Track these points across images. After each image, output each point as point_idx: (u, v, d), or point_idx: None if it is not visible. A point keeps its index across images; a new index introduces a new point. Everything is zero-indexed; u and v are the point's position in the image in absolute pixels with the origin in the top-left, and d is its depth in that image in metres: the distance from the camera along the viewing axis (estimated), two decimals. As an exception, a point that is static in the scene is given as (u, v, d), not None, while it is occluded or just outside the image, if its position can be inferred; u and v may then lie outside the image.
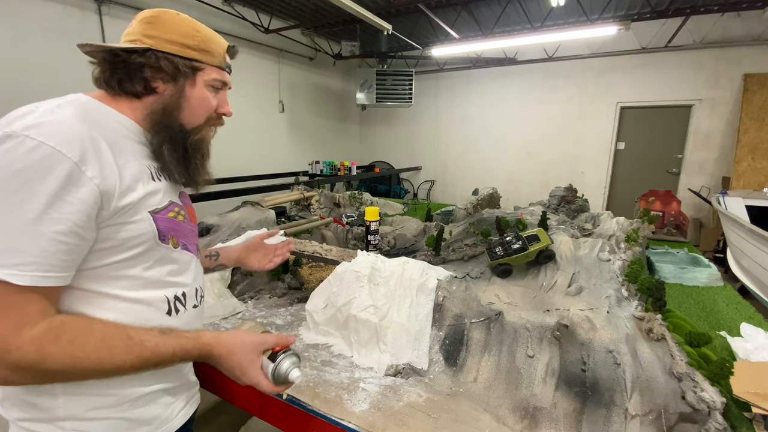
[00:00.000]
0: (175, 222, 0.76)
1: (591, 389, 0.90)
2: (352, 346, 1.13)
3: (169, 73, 0.73)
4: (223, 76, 0.81)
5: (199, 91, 0.77)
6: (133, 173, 0.68)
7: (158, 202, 0.72)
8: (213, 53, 0.78)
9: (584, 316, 1.02)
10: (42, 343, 0.55)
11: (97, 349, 0.59)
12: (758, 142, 4.95)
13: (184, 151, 0.78)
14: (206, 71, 0.78)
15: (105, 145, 0.64)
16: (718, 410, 0.78)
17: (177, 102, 0.75)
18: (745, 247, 3.10)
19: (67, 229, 0.57)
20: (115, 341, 0.61)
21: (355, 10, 4.11)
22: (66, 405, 0.64)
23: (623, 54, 5.86)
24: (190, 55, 0.74)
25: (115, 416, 0.68)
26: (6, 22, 3.37)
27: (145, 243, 0.69)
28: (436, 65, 7.42)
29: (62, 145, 0.57)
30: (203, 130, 0.81)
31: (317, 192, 2.66)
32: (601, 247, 1.50)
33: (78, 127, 0.61)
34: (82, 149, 0.59)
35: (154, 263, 0.72)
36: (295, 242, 1.63)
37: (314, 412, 0.90)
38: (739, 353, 1.07)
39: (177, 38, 0.73)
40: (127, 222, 0.66)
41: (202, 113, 0.79)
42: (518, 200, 4.02)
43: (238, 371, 0.71)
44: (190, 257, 0.82)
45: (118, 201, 0.64)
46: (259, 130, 6.02)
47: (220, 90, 0.82)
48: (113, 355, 0.60)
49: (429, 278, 1.23)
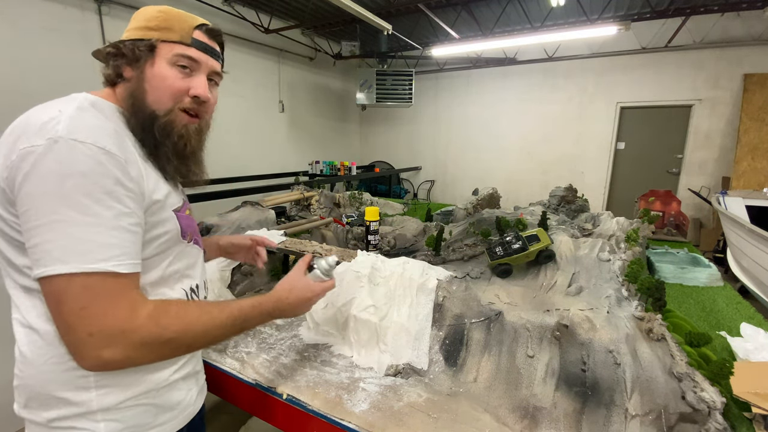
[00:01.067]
0: (191, 219, 0.80)
1: (591, 389, 0.90)
2: (352, 346, 1.13)
3: (129, 57, 0.73)
4: (188, 51, 0.75)
5: (158, 70, 0.73)
6: (153, 173, 0.71)
7: (177, 201, 0.76)
8: (173, 29, 0.75)
9: (584, 316, 1.02)
10: (157, 317, 0.62)
11: (200, 313, 0.68)
12: (758, 142, 4.94)
13: (152, 137, 0.73)
14: (164, 47, 0.74)
15: (130, 144, 0.68)
16: (718, 410, 0.78)
17: (141, 85, 0.73)
18: (745, 247, 3.10)
19: (136, 221, 0.64)
20: (208, 306, 0.70)
21: (355, 10, 4.11)
22: (99, 398, 0.65)
23: (623, 54, 5.86)
24: (148, 35, 0.74)
25: (144, 403, 0.70)
26: (6, 22, 3.37)
27: (171, 240, 0.73)
28: (436, 65, 7.42)
29: (108, 145, 0.61)
30: (172, 113, 0.75)
31: (317, 192, 2.65)
32: (601, 247, 1.50)
33: (107, 127, 0.64)
34: (120, 148, 0.63)
35: (175, 258, 0.76)
36: (295, 242, 1.63)
37: (314, 412, 0.90)
38: (739, 353, 1.07)
39: (142, 23, 0.75)
40: (156, 221, 0.69)
41: (165, 93, 0.74)
42: (518, 200, 4.02)
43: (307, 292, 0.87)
44: (198, 250, 0.85)
45: (150, 197, 0.68)
46: (259, 130, 6.02)
47: (194, 72, 0.76)
48: (213, 317, 0.69)
49: (429, 278, 1.23)
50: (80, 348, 0.59)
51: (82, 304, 0.58)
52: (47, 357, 0.63)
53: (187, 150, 0.78)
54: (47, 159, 0.57)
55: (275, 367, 1.06)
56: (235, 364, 1.07)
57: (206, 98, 0.78)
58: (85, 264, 0.57)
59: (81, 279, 0.57)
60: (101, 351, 0.58)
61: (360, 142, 8.73)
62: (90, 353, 0.59)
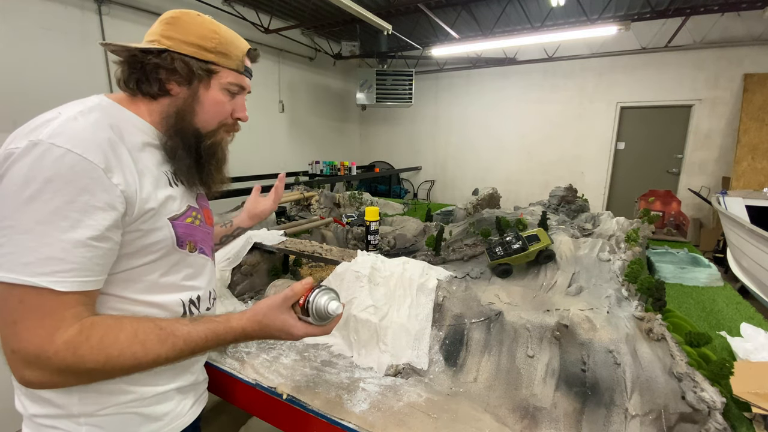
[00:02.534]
0: (193, 227, 0.77)
1: (591, 389, 0.90)
2: (352, 346, 1.13)
3: (184, 76, 0.72)
4: (241, 81, 0.79)
5: (213, 95, 0.75)
6: (152, 180, 0.68)
7: (177, 209, 0.73)
8: (230, 56, 0.76)
9: (584, 316, 1.02)
10: (75, 344, 0.57)
11: (131, 344, 0.60)
12: (758, 142, 4.94)
13: (198, 157, 0.76)
14: (222, 74, 0.75)
15: (126, 152, 0.65)
16: (718, 410, 0.78)
17: (191, 105, 0.74)
18: (745, 247, 3.10)
19: (100, 234, 0.59)
20: (147, 335, 0.62)
21: (355, 10, 4.11)
22: (81, 403, 0.65)
23: (623, 54, 5.86)
24: (206, 57, 0.73)
25: (129, 411, 0.69)
26: (6, 22, 3.37)
27: (164, 249, 0.70)
28: (436, 65, 7.42)
29: (88, 152, 0.58)
30: (217, 134, 0.79)
31: (317, 192, 2.65)
32: (601, 247, 1.50)
33: (101, 134, 0.62)
34: (106, 156, 0.60)
35: (171, 268, 0.73)
36: (295, 242, 1.63)
37: (314, 412, 0.90)
38: (739, 353, 1.07)
39: (194, 40, 0.72)
40: (148, 229, 0.67)
41: (215, 117, 0.77)
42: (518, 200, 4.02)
43: (282, 334, 0.72)
44: (205, 260, 0.82)
45: (140, 207, 0.65)
46: (259, 130, 6.02)
47: (237, 95, 0.80)
48: (147, 348, 0.61)
49: (429, 278, 1.22)
50: (8, 362, 0.57)
51: (13, 317, 0.55)
52: None
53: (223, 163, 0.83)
54: (20, 162, 0.55)
55: (275, 367, 1.05)
56: (235, 364, 1.07)
57: (247, 120, 0.82)
58: (24, 276, 0.54)
59: (19, 291, 0.55)
60: (23, 370, 0.56)
61: (360, 142, 8.73)
62: (15, 370, 0.56)
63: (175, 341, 0.64)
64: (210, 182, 0.80)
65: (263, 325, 0.71)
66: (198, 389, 0.86)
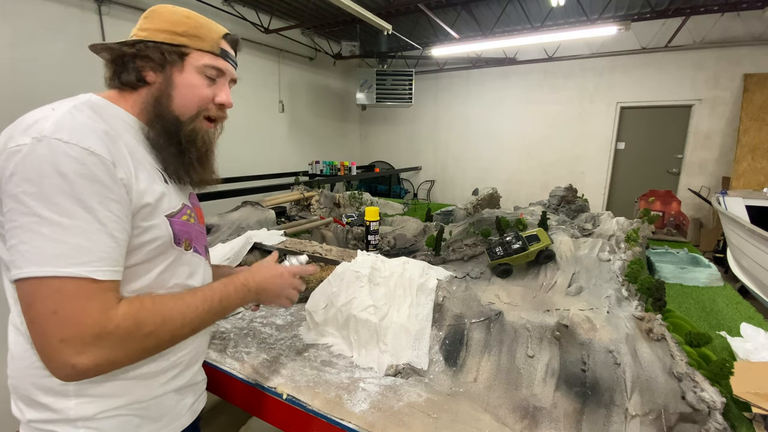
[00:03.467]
0: (189, 225, 0.76)
1: (591, 389, 0.90)
2: (352, 346, 1.13)
3: (157, 61, 0.72)
4: (217, 63, 0.77)
5: (188, 78, 0.74)
6: (146, 176, 0.68)
7: (173, 206, 0.73)
8: (203, 38, 0.75)
9: (584, 316, 1.02)
10: (133, 312, 0.60)
11: (174, 302, 0.66)
12: (758, 142, 4.94)
13: (178, 143, 0.75)
14: (194, 56, 0.75)
15: (123, 145, 0.65)
16: (718, 410, 0.78)
17: (166, 90, 0.73)
18: (745, 247, 3.10)
19: (120, 226, 0.61)
20: (183, 295, 0.69)
21: (355, 10, 4.11)
22: (78, 407, 0.64)
23: (623, 54, 5.86)
24: (178, 41, 0.73)
25: (126, 413, 0.68)
26: (6, 22, 3.36)
27: (161, 246, 0.70)
28: (436, 65, 7.42)
29: (94, 146, 0.59)
30: (196, 120, 0.77)
31: (317, 192, 2.65)
32: (601, 247, 1.50)
33: (97, 128, 0.62)
34: (109, 150, 0.61)
35: (168, 266, 0.72)
36: (295, 242, 1.63)
37: (314, 412, 0.90)
38: (739, 353, 1.07)
39: (166, 26, 0.73)
40: (145, 226, 0.67)
41: (193, 101, 0.75)
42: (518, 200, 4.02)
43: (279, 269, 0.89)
44: (200, 259, 0.82)
45: (137, 202, 0.65)
46: (259, 130, 6.02)
47: (217, 79, 0.79)
48: (187, 303, 0.68)
49: (429, 278, 1.23)
50: (53, 356, 0.56)
51: (52, 308, 0.55)
52: (31, 360, 0.63)
53: (207, 155, 0.81)
54: (29, 159, 0.56)
55: (275, 367, 1.06)
56: (235, 364, 1.07)
57: (230, 105, 0.81)
58: (58, 268, 0.55)
59: (54, 283, 0.55)
60: (75, 358, 0.55)
61: (360, 142, 8.73)
62: (63, 361, 0.56)
63: (203, 293, 0.71)
64: (191, 172, 0.78)
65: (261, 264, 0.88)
66: (197, 389, 0.85)
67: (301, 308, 1.36)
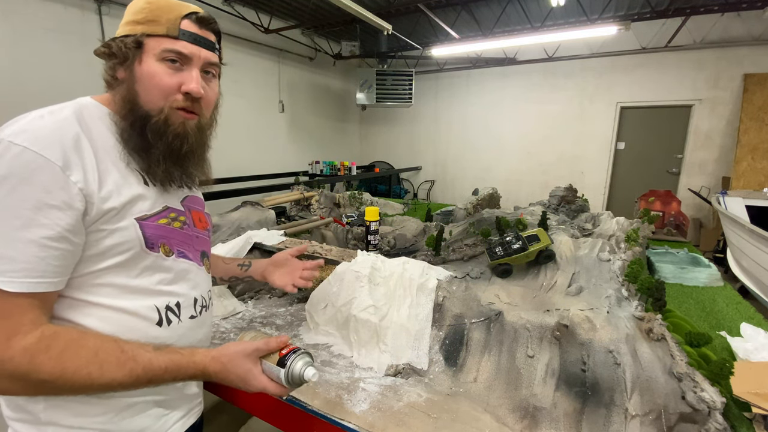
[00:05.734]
0: (168, 229, 0.72)
1: (591, 389, 0.90)
2: (352, 346, 1.13)
3: (120, 57, 0.69)
4: (175, 45, 0.69)
5: (147, 67, 0.69)
6: (116, 178, 0.66)
7: (147, 208, 0.69)
8: (159, 21, 0.69)
9: (584, 316, 1.02)
10: (33, 353, 0.55)
11: (88, 362, 0.58)
12: (758, 142, 4.94)
13: (142, 137, 0.69)
14: (150, 43, 0.69)
15: (89, 149, 0.63)
16: (718, 410, 0.78)
17: (131, 86, 0.69)
18: (745, 247, 3.10)
19: (56, 234, 0.57)
20: (107, 356, 0.59)
21: (355, 10, 4.11)
22: (47, 411, 0.63)
23: (623, 54, 5.86)
24: (135, 30, 0.69)
25: (99, 428, 0.66)
26: (6, 22, 3.37)
27: (130, 251, 0.66)
28: (436, 65, 7.42)
29: (45, 149, 0.57)
30: (163, 113, 0.70)
31: (317, 192, 2.65)
32: (601, 247, 1.50)
33: (65, 131, 0.61)
34: (65, 153, 0.59)
35: (142, 272, 0.69)
36: (295, 242, 1.63)
37: (314, 412, 0.90)
38: (739, 353, 1.07)
39: (130, 17, 0.70)
40: (110, 229, 0.64)
41: (155, 91, 0.69)
42: (518, 200, 4.02)
43: (240, 383, 0.69)
44: (189, 265, 0.77)
45: (98, 206, 0.62)
46: (259, 130, 6.03)
47: (184, 66, 0.71)
48: (104, 371, 0.59)
49: (429, 278, 1.23)
50: None
51: None
52: None
53: (183, 149, 0.73)
54: None
55: (275, 367, 1.05)
56: (235, 364, 1.07)
57: (198, 93, 0.71)
58: None
59: None
60: None
61: (360, 142, 8.73)
62: None
63: (133, 367, 0.61)
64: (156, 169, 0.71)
65: (225, 370, 0.67)
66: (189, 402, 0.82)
67: (301, 308, 1.36)
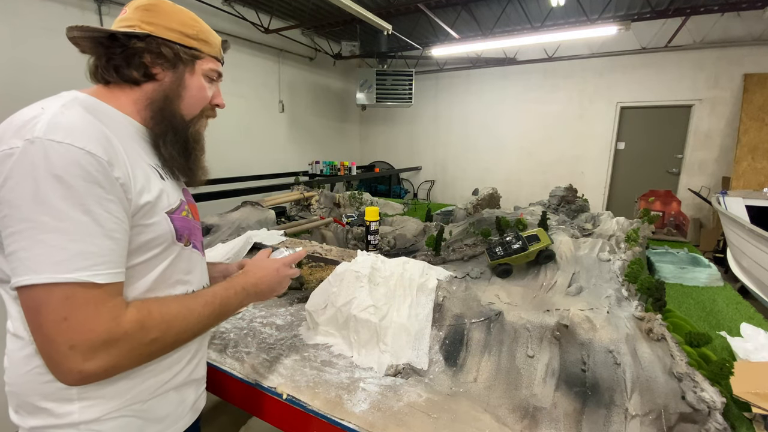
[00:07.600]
0: (188, 221, 0.77)
1: (591, 389, 0.90)
2: (352, 346, 1.13)
3: (170, 60, 0.73)
4: (219, 67, 0.83)
5: (197, 80, 0.78)
6: (143, 174, 0.67)
7: (172, 203, 0.72)
8: (211, 44, 0.80)
9: (584, 316, 1.02)
10: (140, 318, 0.61)
11: (179, 308, 0.68)
12: (758, 142, 4.94)
13: (185, 142, 0.78)
14: (204, 60, 0.78)
15: (119, 144, 0.64)
16: (718, 410, 0.78)
17: (177, 90, 0.75)
18: (745, 247, 3.10)
19: (119, 226, 0.60)
20: (185, 299, 0.71)
21: (355, 10, 4.11)
22: (82, 410, 0.63)
23: (623, 54, 5.86)
24: (189, 43, 0.75)
25: (128, 414, 0.68)
26: (6, 22, 3.37)
27: (164, 243, 0.70)
28: (436, 65, 7.42)
29: (89, 145, 0.58)
30: (199, 121, 0.82)
31: (317, 192, 2.65)
32: (601, 247, 1.50)
33: (93, 127, 0.61)
34: (105, 149, 0.60)
35: (171, 263, 0.72)
36: (295, 242, 1.63)
37: (314, 412, 0.90)
38: (739, 353, 1.07)
39: (177, 26, 0.73)
40: (146, 224, 0.66)
41: (199, 103, 0.80)
42: (518, 200, 4.02)
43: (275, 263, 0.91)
44: (198, 255, 0.82)
45: (136, 201, 0.64)
46: (259, 130, 6.02)
47: (214, 81, 0.83)
48: (191, 309, 0.69)
49: (429, 278, 1.23)
50: (61, 362, 0.56)
51: (62, 314, 0.55)
52: (30, 366, 0.62)
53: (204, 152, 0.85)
54: (23, 162, 0.54)
55: (275, 367, 1.05)
56: (235, 364, 1.07)
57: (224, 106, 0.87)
58: (60, 273, 0.54)
59: (59, 289, 0.54)
60: (84, 364, 0.56)
61: (360, 142, 8.73)
62: (71, 367, 0.55)
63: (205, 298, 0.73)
64: (196, 169, 0.82)
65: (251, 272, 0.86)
66: (198, 387, 0.85)
67: (301, 308, 1.36)
